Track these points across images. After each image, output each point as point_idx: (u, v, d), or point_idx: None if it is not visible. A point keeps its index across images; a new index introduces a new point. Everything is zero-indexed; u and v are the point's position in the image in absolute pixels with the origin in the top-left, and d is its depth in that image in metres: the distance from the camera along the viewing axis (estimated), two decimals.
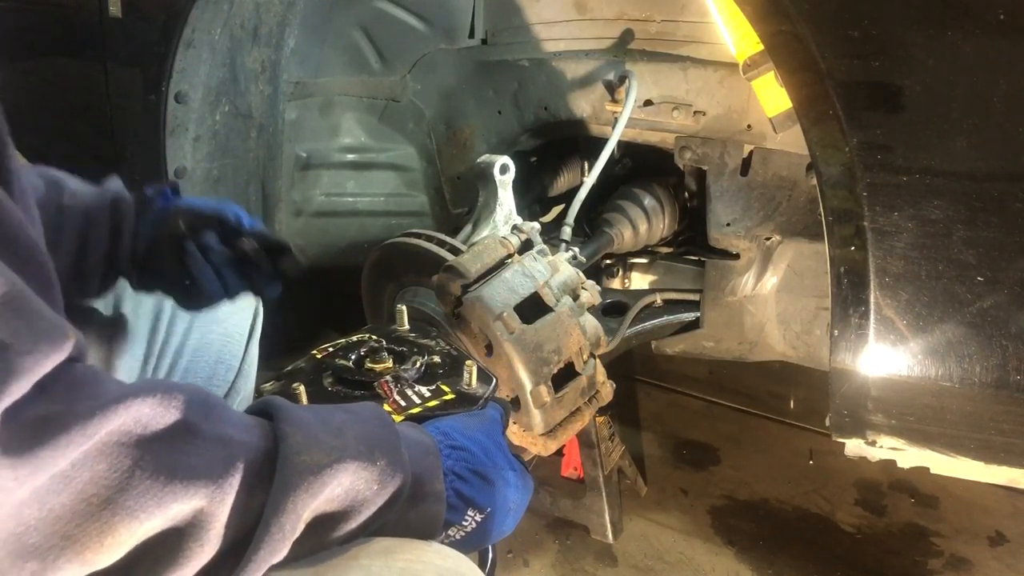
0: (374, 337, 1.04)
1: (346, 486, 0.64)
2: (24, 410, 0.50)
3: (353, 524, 0.66)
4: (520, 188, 1.67)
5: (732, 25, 1.29)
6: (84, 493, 0.51)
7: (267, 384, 0.97)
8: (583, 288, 1.45)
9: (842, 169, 1.12)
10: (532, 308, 1.34)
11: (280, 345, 1.50)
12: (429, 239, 1.49)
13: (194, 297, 1.10)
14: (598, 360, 1.43)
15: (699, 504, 2.10)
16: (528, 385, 1.30)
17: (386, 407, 0.88)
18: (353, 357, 0.98)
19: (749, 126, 1.58)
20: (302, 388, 0.91)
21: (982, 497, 2.08)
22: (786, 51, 1.14)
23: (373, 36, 1.97)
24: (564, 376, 1.35)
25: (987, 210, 1.06)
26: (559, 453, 1.94)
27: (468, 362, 0.97)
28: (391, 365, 0.97)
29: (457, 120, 2.10)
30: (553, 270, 1.42)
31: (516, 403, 1.33)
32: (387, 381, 0.92)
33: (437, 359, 0.99)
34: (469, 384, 0.95)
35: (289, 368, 1.00)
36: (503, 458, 0.83)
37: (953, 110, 1.05)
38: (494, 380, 0.98)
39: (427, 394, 0.92)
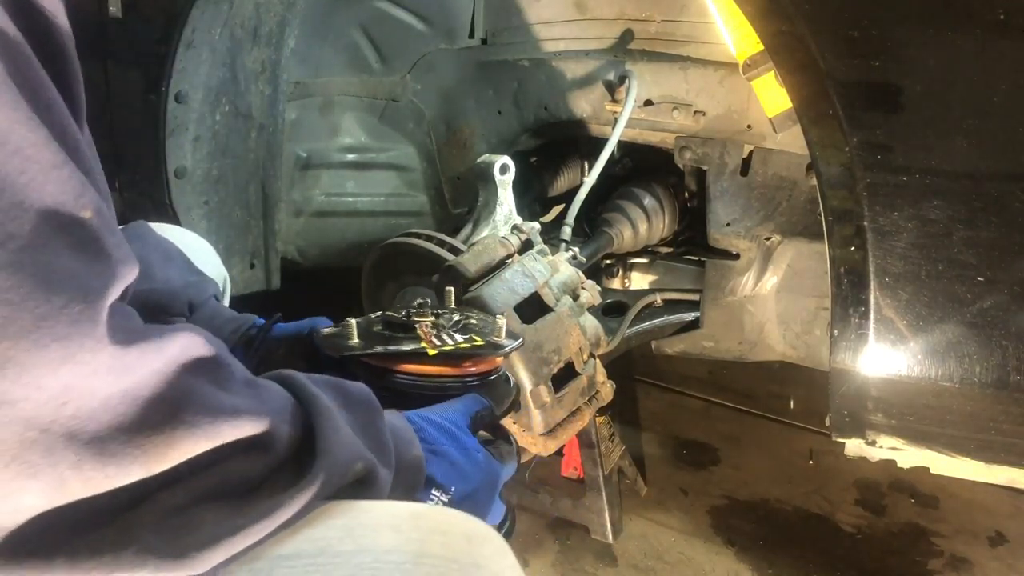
0: (423, 300, 1.12)
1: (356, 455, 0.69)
2: (115, 315, 0.54)
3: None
4: (520, 188, 1.67)
5: (732, 25, 1.29)
6: (151, 408, 0.55)
7: (325, 328, 1.04)
8: (583, 288, 1.45)
9: (842, 169, 1.12)
10: (532, 308, 1.34)
11: None
12: (429, 239, 1.49)
13: None
14: (598, 360, 1.43)
15: (699, 504, 2.10)
16: (528, 385, 1.29)
17: (423, 344, 0.97)
18: (404, 312, 1.06)
19: (749, 126, 1.58)
20: (353, 322, 0.99)
21: (982, 497, 2.08)
22: (786, 51, 1.14)
23: (373, 36, 1.97)
24: (564, 376, 1.35)
25: (987, 210, 1.06)
26: (559, 453, 1.93)
27: (499, 317, 1.09)
28: (433, 318, 1.05)
29: (457, 120, 2.10)
30: (553, 270, 1.42)
31: (516, 403, 1.33)
32: (426, 325, 1.01)
33: (474, 321, 1.08)
34: (499, 336, 1.04)
35: (342, 323, 1.06)
36: (463, 438, 0.87)
37: (953, 110, 1.05)
38: (521, 339, 1.08)
39: (460, 339, 1.00)
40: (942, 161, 1.07)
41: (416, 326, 1.00)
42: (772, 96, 1.28)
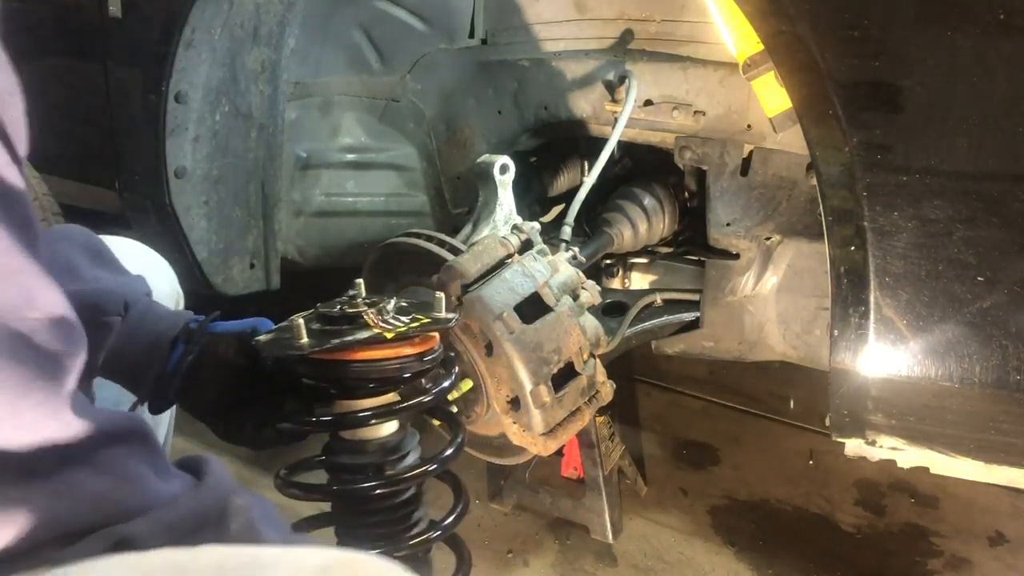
0: (343, 297, 1.11)
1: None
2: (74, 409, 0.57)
3: None
4: (520, 188, 1.67)
5: (732, 25, 1.29)
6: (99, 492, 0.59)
7: (261, 336, 1.03)
8: (583, 288, 1.45)
9: (842, 169, 1.12)
10: (532, 308, 1.34)
11: None
12: (429, 239, 1.49)
13: (233, 429, 1.09)
14: (598, 360, 1.43)
15: (699, 504, 2.10)
16: (528, 385, 1.30)
17: (376, 331, 0.97)
18: (337, 307, 1.05)
19: (749, 126, 1.58)
20: (301, 321, 0.99)
21: (982, 497, 2.08)
22: (786, 51, 1.14)
23: (373, 36, 1.97)
24: (564, 376, 1.35)
25: (987, 210, 1.06)
26: (559, 453, 1.94)
27: (437, 293, 1.08)
28: (367, 306, 1.04)
29: (457, 120, 2.10)
30: (553, 270, 1.42)
31: (516, 403, 1.34)
32: (370, 312, 1.00)
33: (404, 304, 1.08)
34: (440, 312, 1.06)
35: (275, 327, 1.06)
36: None
37: (953, 110, 1.05)
38: (458, 314, 1.12)
39: (406, 320, 1.01)
40: (942, 161, 1.07)
41: (362, 315, 1.00)
42: (772, 96, 1.28)
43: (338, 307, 1.03)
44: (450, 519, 1.10)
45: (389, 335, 0.97)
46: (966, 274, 1.08)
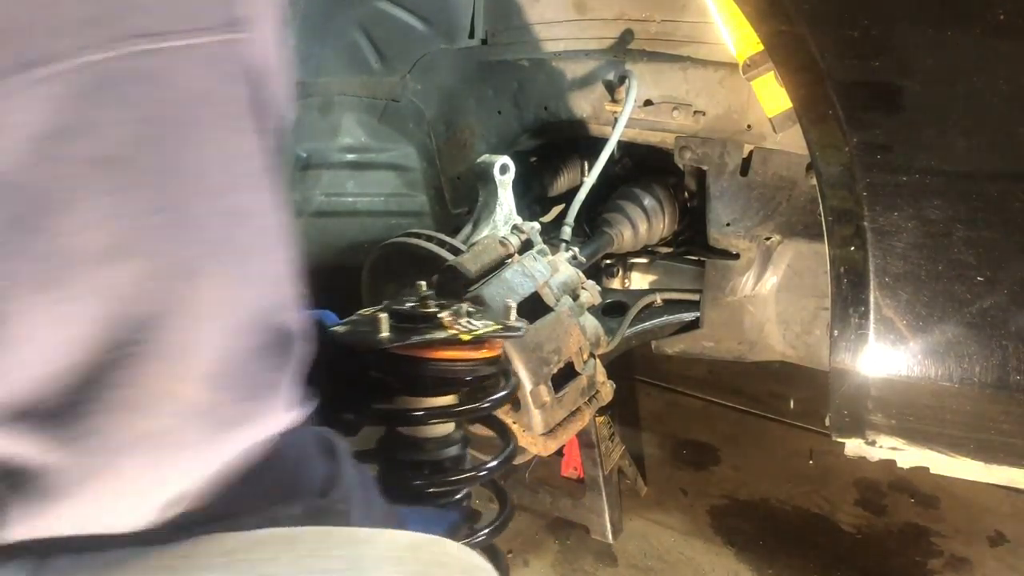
0: (413, 297, 1.13)
1: None
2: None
3: None
4: (520, 188, 1.67)
5: (732, 25, 1.29)
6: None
7: (338, 327, 1.04)
8: (583, 288, 1.45)
9: (842, 169, 1.12)
10: (532, 308, 1.34)
11: None
12: (429, 239, 1.49)
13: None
14: (598, 360, 1.43)
15: (699, 504, 2.10)
16: (528, 385, 1.30)
17: (452, 332, 0.99)
18: (407, 305, 1.07)
19: (749, 126, 1.58)
20: (384, 316, 0.99)
21: (982, 497, 2.08)
22: (786, 51, 1.14)
23: (373, 36, 1.97)
24: (564, 376, 1.35)
25: (987, 210, 1.06)
26: (559, 453, 1.94)
27: (508, 300, 1.11)
28: (438, 308, 1.06)
29: (457, 120, 2.10)
30: (553, 270, 1.42)
31: (516, 403, 1.34)
32: (446, 315, 1.03)
33: (472, 309, 1.10)
34: (508, 319, 1.08)
35: (348, 319, 1.07)
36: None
37: (953, 110, 1.05)
38: (525, 320, 1.14)
39: (481, 325, 1.02)
40: (942, 161, 1.07)
41: (438, 317, 1.03)
42: (772, 96, 1.28)
43: (408, 306, 1.05)
44: (491, 527, 1.08)
45: (465, 337, 0.98)
46: (966, 274, 1.08)
